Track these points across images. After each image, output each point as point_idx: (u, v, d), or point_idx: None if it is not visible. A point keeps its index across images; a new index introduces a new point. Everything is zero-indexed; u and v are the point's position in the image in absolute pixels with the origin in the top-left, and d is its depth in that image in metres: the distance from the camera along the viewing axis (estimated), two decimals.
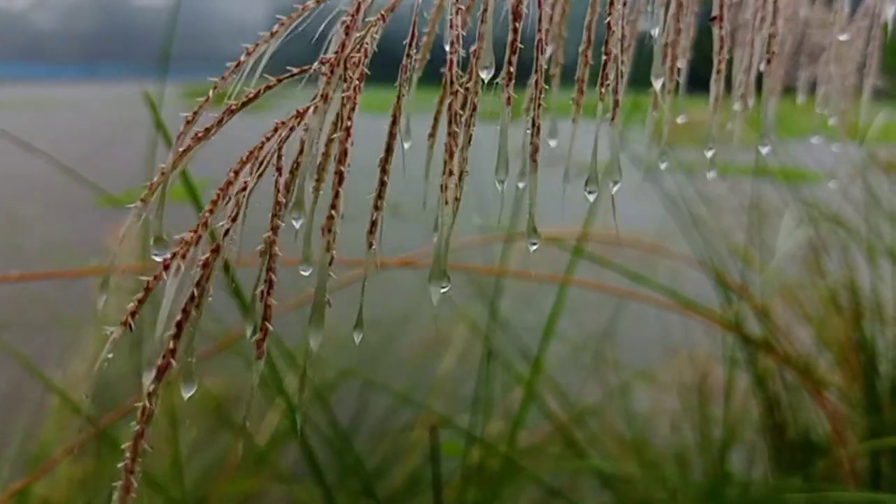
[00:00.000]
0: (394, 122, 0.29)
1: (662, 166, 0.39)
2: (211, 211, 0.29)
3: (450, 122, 0.29)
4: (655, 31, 0.35)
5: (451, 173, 0.29)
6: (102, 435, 1.02)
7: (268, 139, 0.30)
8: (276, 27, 0.33)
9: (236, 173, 0.29)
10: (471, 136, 0.29)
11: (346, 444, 0.85)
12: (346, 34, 0.28)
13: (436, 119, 0.34)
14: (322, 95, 0.28)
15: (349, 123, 0.28)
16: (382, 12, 0.30)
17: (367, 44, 0.29)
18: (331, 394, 0.91)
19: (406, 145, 0.31)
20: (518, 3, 0.27)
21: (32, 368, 0.90)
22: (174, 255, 0.28)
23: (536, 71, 0.30)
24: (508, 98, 0.28)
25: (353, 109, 0.28)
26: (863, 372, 1.06)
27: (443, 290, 0.30)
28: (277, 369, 0.70)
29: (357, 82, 0.28)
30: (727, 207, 1.24)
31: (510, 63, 0.28)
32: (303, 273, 0.29)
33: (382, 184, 0.30)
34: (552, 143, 0.33)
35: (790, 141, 1.12)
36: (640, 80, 0.40)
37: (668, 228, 1.11)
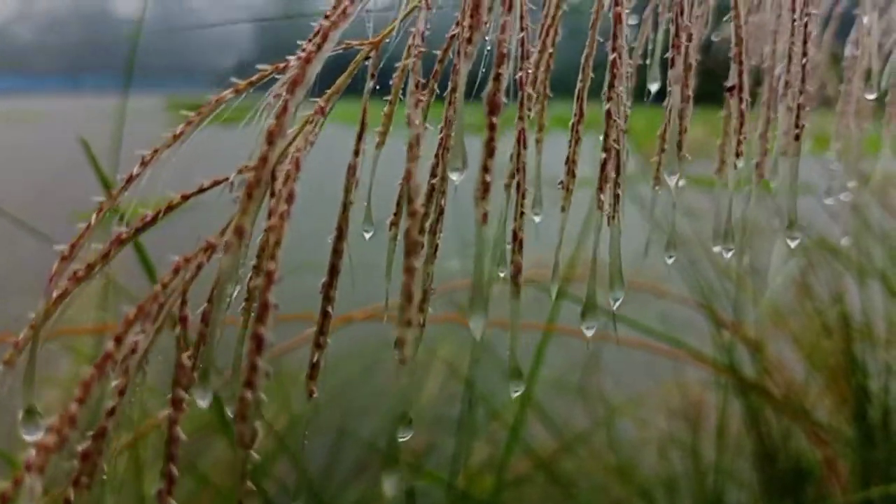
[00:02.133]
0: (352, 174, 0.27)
1: (671, 181, 0.36)
2: (88, 384, 0.22)
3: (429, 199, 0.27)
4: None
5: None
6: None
7: (164, 285, 0.25)
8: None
9: (119, 337, 0.24)
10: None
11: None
12: (270, 143, 0.23)
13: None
14: (236, 228, 0.22)
15: (277, 254, 0.23)
16: (310, 136, 0.26)
17: (298, 155, 0.25)
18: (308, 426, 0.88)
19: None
20: (494, 92, 0.24)
21: None
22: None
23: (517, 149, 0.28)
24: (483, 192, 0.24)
25: (278, 244, 0.23)
26: (853, 395, 1.05)
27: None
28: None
29: (287, 207, 0.24)
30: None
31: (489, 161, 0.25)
32: None
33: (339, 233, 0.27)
34: (536, 218, 0.31)
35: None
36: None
37: (653, 252, 1.09)
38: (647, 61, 0.37)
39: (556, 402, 1.17)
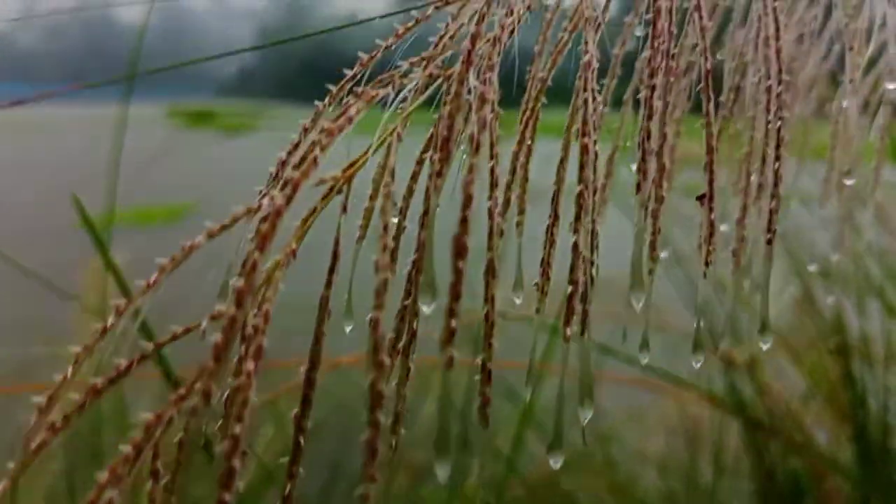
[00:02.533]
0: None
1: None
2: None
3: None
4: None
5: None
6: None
7: (135, 446, 0.24)
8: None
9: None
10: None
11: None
12: (239, 305, 0.22)
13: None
14: (203, 392, 0.21)
15: (244, 416, 0.22)
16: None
17: (268, 307, 0.25)
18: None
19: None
20: (461, 235, 0.23)
21: None
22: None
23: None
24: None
25: (244, 404, 0.22)
26: (852, 413, 1.05)
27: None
28: None
29: (254, 364, 0.23)
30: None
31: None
32: None
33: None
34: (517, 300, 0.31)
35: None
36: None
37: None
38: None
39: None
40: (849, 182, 0.46)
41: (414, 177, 0.31)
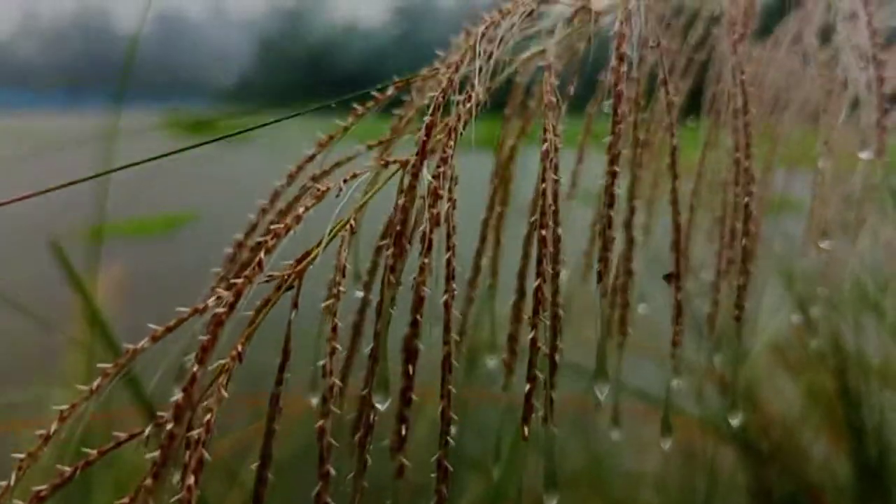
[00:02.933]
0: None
1: None
2: None
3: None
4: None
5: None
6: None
7: None
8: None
9: None
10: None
11: None
12: (177, 420, 0.22)
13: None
14: None
15: None
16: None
17: (210, 418, 0.24)
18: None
19: None
20: (411, 337, 0.23)
21: None
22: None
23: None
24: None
25: None
26: (849, 430, 1.05)
27: None
28: None
29: (194, 479, 0.22)
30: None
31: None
32: None
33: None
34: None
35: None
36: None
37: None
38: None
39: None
40: (825, 245, 0.46)
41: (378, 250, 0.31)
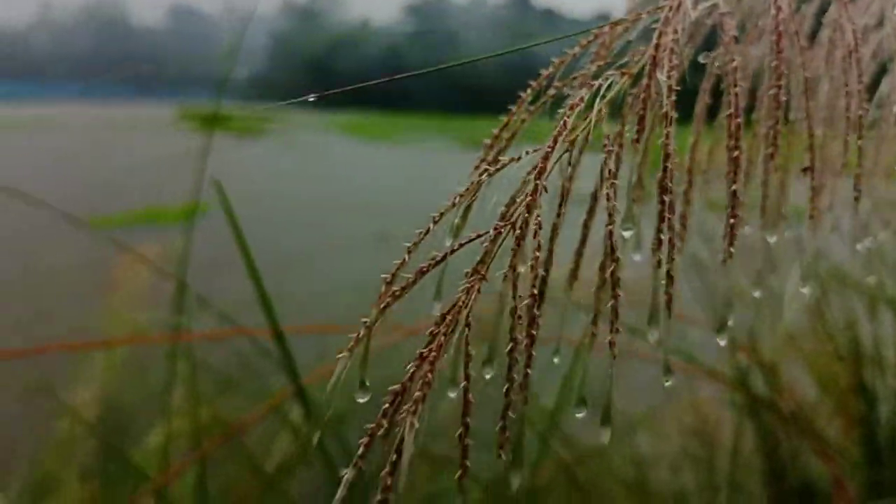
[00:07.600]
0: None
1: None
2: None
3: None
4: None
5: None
6: (110, 457, 1.01)
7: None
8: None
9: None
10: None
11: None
12: None
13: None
14: None
15: None
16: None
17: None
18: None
19: None
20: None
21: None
22: None
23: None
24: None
25: None
26: (862, 417, 1.07)
27: None
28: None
29: None
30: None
31: None
32: None
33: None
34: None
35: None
36: None
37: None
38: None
39: (570, 415, 1.19)
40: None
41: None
